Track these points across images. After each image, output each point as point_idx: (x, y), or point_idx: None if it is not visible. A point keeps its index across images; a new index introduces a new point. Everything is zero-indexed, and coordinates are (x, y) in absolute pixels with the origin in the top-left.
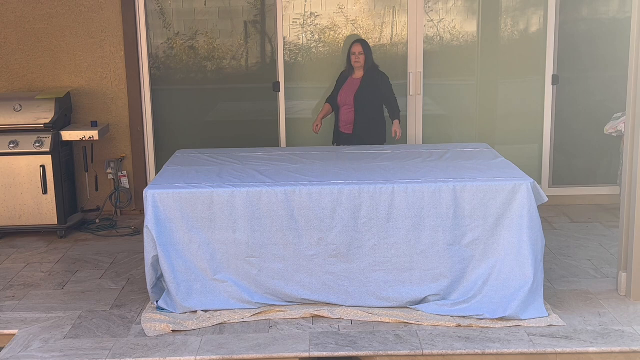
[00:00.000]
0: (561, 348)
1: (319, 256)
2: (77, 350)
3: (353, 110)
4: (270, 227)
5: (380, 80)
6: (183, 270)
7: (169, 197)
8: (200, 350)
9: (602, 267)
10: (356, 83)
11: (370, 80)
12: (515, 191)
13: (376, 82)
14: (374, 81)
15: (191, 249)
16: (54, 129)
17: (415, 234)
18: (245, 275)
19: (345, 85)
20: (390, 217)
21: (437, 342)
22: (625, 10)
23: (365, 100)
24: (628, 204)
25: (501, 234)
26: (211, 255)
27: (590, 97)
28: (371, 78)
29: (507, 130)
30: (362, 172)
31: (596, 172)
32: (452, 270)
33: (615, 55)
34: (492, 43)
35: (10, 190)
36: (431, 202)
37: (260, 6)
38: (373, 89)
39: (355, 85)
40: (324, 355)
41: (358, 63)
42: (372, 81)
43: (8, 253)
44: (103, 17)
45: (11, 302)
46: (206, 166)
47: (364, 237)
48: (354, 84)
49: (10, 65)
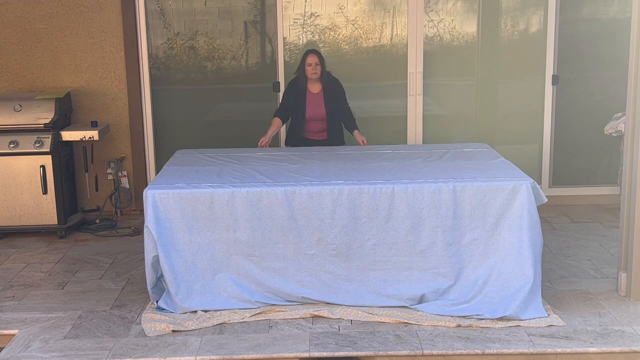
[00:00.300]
0: (561, 348)
1: (319, 255)
2: (77, 350)
3: (325, 122)
4: (270, 227)
5: (338, 88)
6: (183, 270)
7: (169, 197)
8: (200, 350)
9: (602, 267)
10: (319, 96)
11: (332, 90)
12: (515, 191)
13: (337, 89)
14: (335, 89)
15: (191, 249)
16: (54, 129)
17: (415, 234)
18: (246, 275)
19: (308, 100)
20: (390, 217)
21: (437, 342)
22: (625, 10)
23: (335, 109)
24: (628, 204)
25: (501, 234)
26: (211, 255)
27: (590, 97)
28: (331, 89)
29: (507, 130)
30: (362, 172)
31: (596, 172)
32: (451, 270)
33: (615, 55)
34: (492, 43)
35: (10, 190)
36: (431, 202)
37: (260, 6)
38: (335, 96)
39: (321, 99)
40: (324, 355)
41: (315, 74)
42: (333, 91)
43: (8, 253)
44: (103, 17)
45: (11, 302)
46: (206, 166)
47: (363, 237)
48: (318, 98)
49: (10, 65)
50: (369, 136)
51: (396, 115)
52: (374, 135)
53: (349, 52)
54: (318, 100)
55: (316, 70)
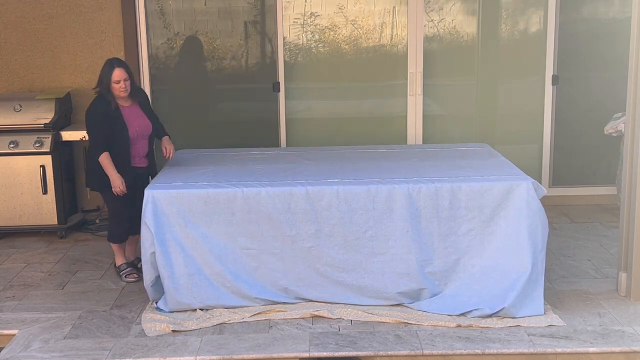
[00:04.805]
0: (561, 348)
1: (316, 248)
2: (77, 350)
3: (148, 141)
4: (267, 223)
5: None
6: (182, 268)
7: (169, 196)
8: (200, 350)
9: (602, 267)
10: (137, 111)
11: (146, 103)
12: (513, 189)
13: (147, 101)
14: (147, 102)
15: (189, 247)
16: (54, 129)
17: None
18: (244, 270)
19: (127, 119)
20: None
21: (437, 342)
22: (625, 10)
23: (156, 125)
24: (628, 204)
25: (499, 226)
26: (209, 252)
27: (590, 97)
28: (144, 101)
29: (507, 130)
30: (359, 172)
31: (596, 172)
32: (449, 261)
33: (615, 55)
34: (492, 43)
35: (10, 190)
36: (428, 199)
37: (260, 6)
38: (148, 104)
39: (139, 114)
40: (324, 355)
41: (125, 91)
42: (146, 103)
43: (8, 253)
44: (103, 17)
45: (11, 302)
46: (206, 166)
47: (360, 229)
48: (136, 113)
49: (10, 65)
50: (369, 136)
51: (396, 115)
52: (374, 136)
53: (349, 52)
54: (137, 115)
55: (126, 85)
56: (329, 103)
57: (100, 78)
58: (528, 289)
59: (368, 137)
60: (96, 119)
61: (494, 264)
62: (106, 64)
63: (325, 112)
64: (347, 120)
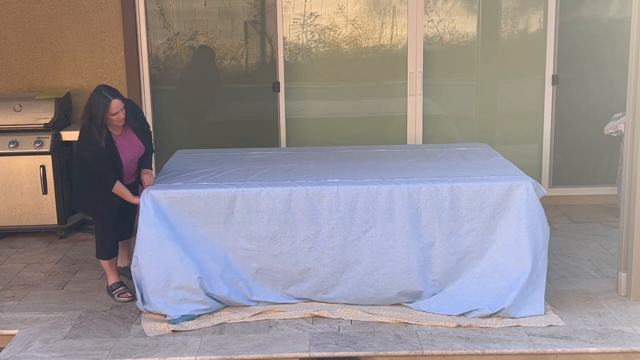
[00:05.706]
0: (561, 348)
1: (316, 249)
2: (77, 350)
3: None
4: (267, 224)
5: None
6: (181, 268)
7: (169, 196)
8: (200, 350)
9: (602, 267)
10: (130, 138)
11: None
12: (513, 190)
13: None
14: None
15: (189, 247)
16: (54, 129)
17: (413, 224)
18: (244, 270)
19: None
20: (388, 212)
21: (437, 342)
22: (625, 10)
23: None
24: (628, 204)
25: (498, 230)
26: (209, 253)
27: (590, 97)
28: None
29: (507, 130)
30: (359, 171)
31: (596, 172)
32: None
33: (615, 55)
34: (492, 43)
35: (10, 190)
36: (428, 199)
37: (260, 6)
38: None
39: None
40: (324, 355)
41: (123, 120)
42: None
43: (8, 253)
44: (103, 17)
45: (11, 302)
46: (206, 166)
47: (360, 229)
48: (129, 141)
49: (10, 65)
50: (369, 136)
51: (396, 115)
52: (374, 135)
53: (349, 52)
54: (130, 141)
55: (124, 114)
56: (329, 103)
57: (91, 113)
58: (528, 289)
59: (368, 137)
60: (97, 155)
61: (494, 264)
62: (98, 97)
63: (325, 112)
64: (347, 120)
